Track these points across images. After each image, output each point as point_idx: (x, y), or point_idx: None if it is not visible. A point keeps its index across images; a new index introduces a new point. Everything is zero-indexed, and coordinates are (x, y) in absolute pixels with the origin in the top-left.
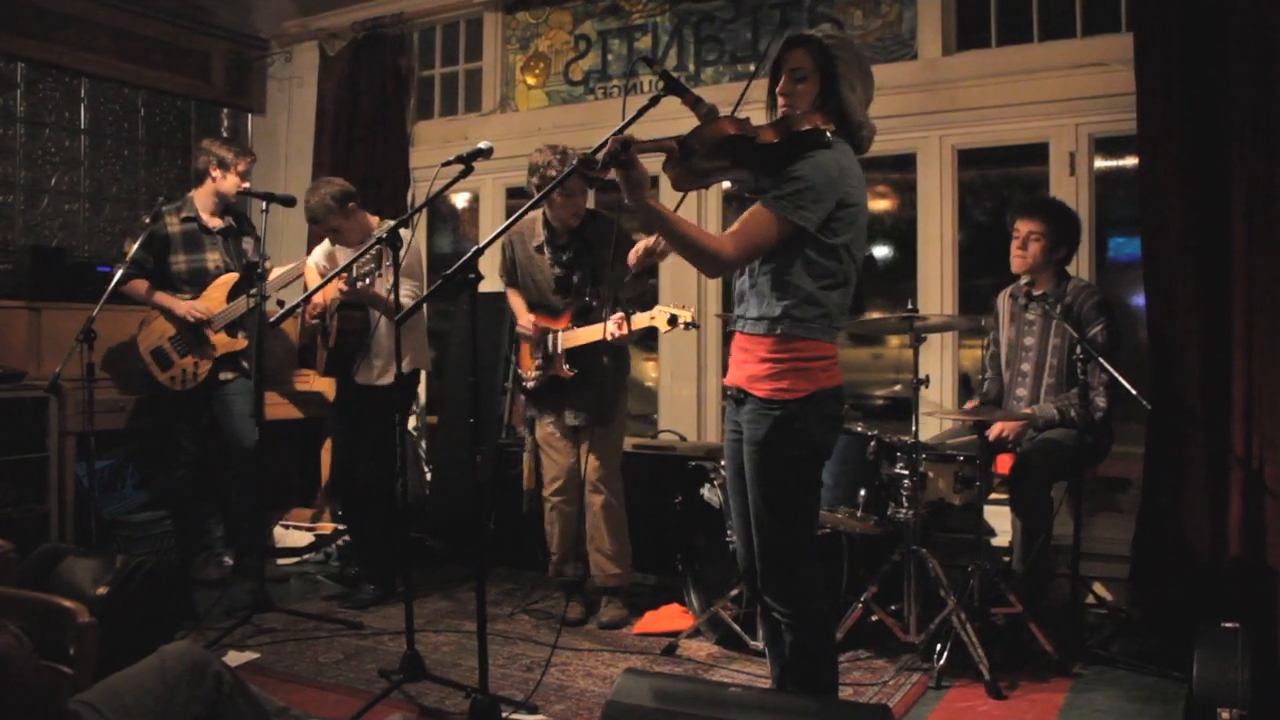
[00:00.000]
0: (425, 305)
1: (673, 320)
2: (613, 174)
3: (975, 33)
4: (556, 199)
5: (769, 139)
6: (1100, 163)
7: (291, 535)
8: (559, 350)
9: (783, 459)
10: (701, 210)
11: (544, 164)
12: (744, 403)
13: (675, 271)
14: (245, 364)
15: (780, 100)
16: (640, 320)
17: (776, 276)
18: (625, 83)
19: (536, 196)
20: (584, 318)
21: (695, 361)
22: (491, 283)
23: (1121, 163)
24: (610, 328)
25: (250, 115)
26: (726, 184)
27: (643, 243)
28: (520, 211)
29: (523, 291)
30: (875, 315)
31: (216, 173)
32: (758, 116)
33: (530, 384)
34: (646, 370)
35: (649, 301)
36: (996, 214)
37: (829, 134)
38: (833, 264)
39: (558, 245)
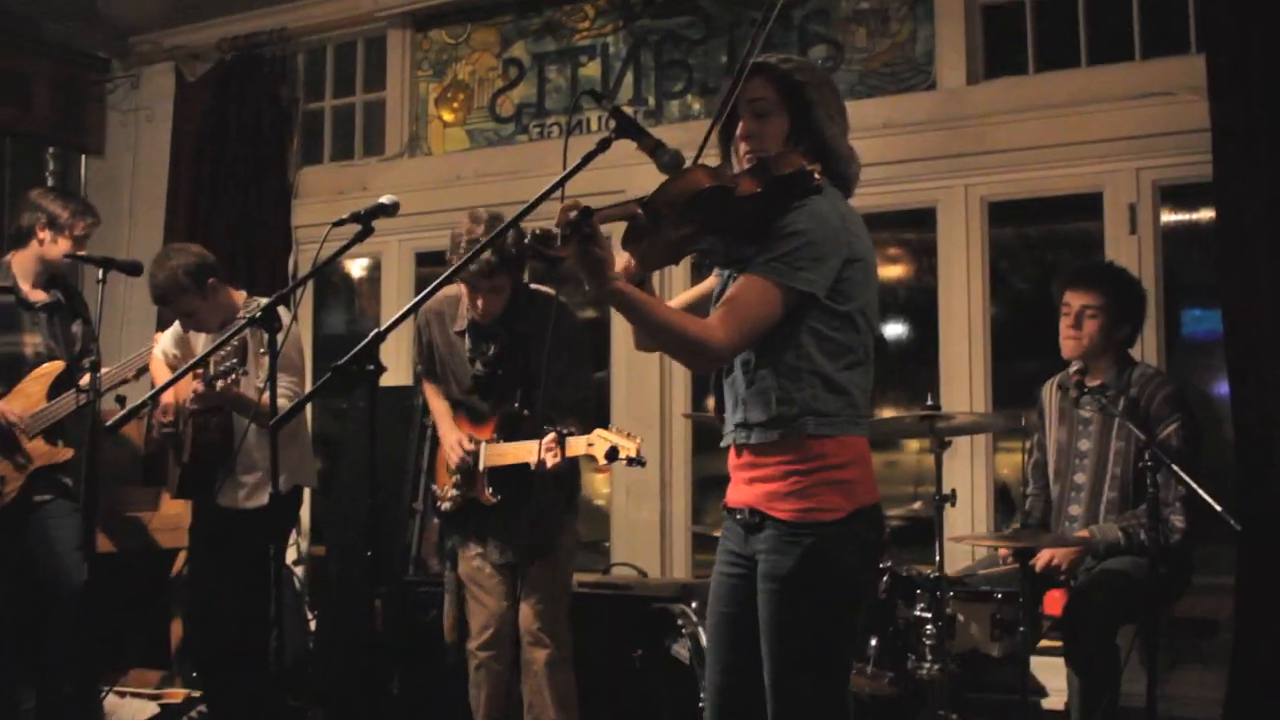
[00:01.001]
0: (309, 406)
1: (612, 454)
2: (563, 252)
3: (1008, 56)
4: (480, 288)
5: (751, 189)
6: (1168, 216)
7: (130, 706)
8: (481, 468)
9: (816, 599)
10: (666, 286)
11: (467, 240)
12: (759, 528)
13: (631, 361)
14: (70, 482)
15: (742, 147)
16: (575, 446)
17: (782, 363)
18: (567, 120)
19: (453, 268)
20: (512, 429)
21: (657, 475)
22: (397, 373)
23: (1194, 216)
24: (542, 453)
25: (84, 156)
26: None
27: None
28: (434, 284)
29: (443, 386)
30: (887, 414)
31: (45, 234)
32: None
33: (447, 505)
34: (596, 485)
35: (592, 412)
36: (1039, 283)
37: (818, 175)
38: (849, 336)
39: (481, 334)
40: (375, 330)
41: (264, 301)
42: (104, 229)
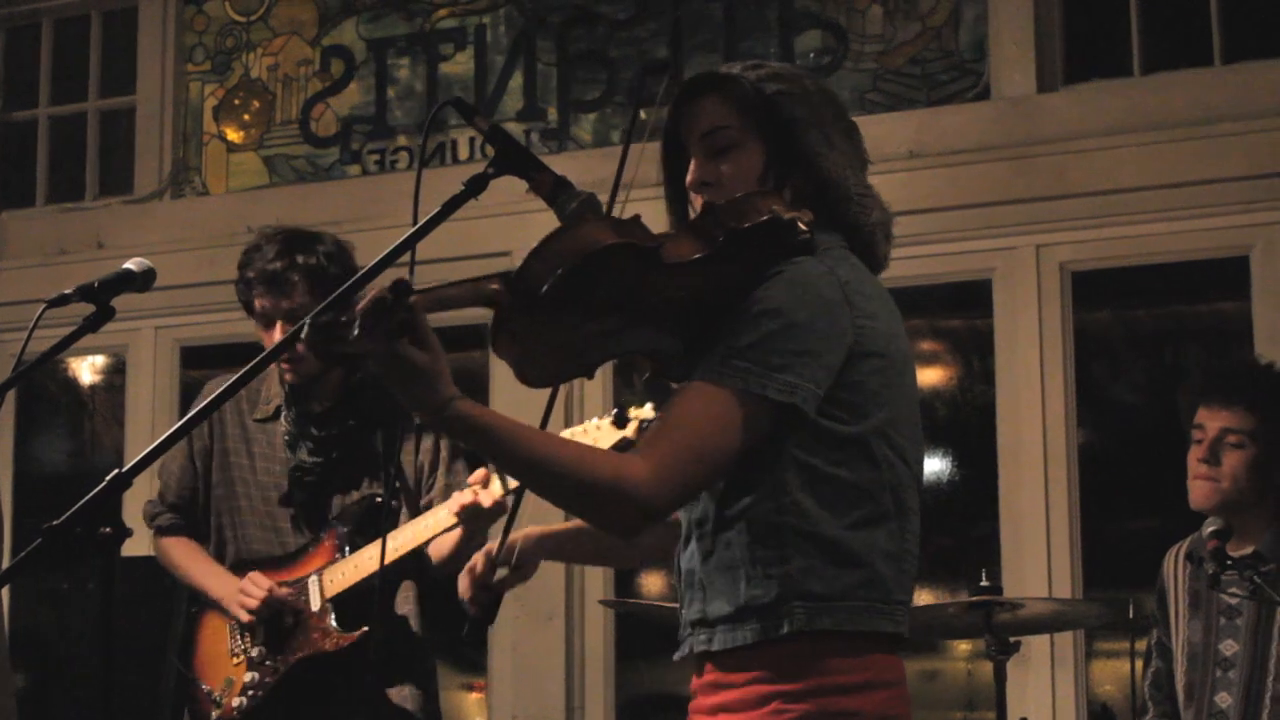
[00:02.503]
0: (4, 591)
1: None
2: (360, 347)
3: (1100, 50)
4: (261, 336)
5: (688, 252)
6: None
7: None
8: (316, 605)
9: None
10: (574, 406)
11: (254, 259)
12: None
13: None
14: None
15: (698, 202)
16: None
17: (758, 519)
18: (421, 146)
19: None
20: (365, 530)
21: (561, 697)
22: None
23: None
24: (466, 498)
25: None
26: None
27: (478, 556)
28: (237, 378)
29: (220, 525)
30: (923, 599)
31: None
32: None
33: (235, 708)
34: (466, 709)
35: None
36: (1154, 395)
37: (803, 224)
38: (862, 472)
39: (305, 408)
40: (115, 471)
41: None
42: None
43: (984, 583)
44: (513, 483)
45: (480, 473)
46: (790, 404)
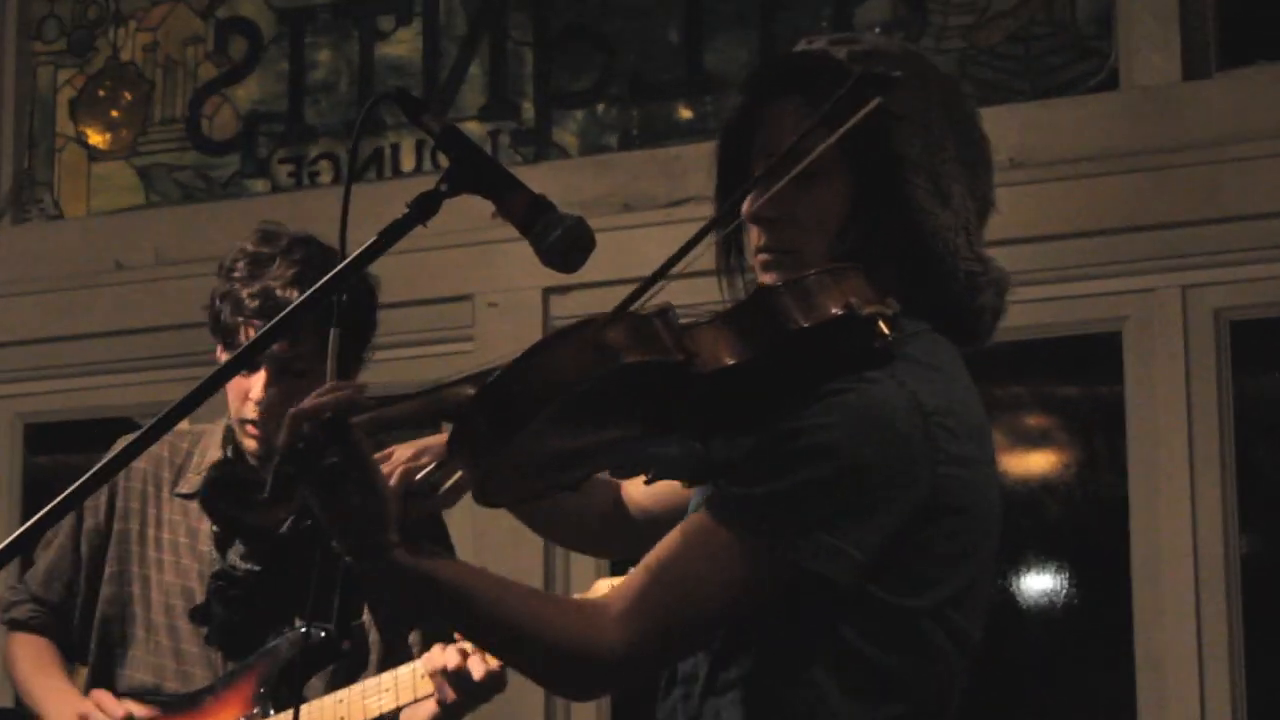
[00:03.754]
0: None
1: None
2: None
3: (1262, 26)
4: (236, 388)
5: (721, 359)
6: None
7: None
8: None
9: None
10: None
11: (262, 274)
12: None
13: None
14: None
15: (754, 236)
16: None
17: (758, 693)
18: (350, 152)
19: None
20: (298, 674)
21: None
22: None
23: None
24: (449, 659)
25: None
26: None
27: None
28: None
29: (106, 638)
30: None
31: None
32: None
33: None
34: None
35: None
36: None
37: (885, 324)
38: (903, 659)
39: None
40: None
41: None
42: None
43: None
44: None
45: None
46: (825, 575)
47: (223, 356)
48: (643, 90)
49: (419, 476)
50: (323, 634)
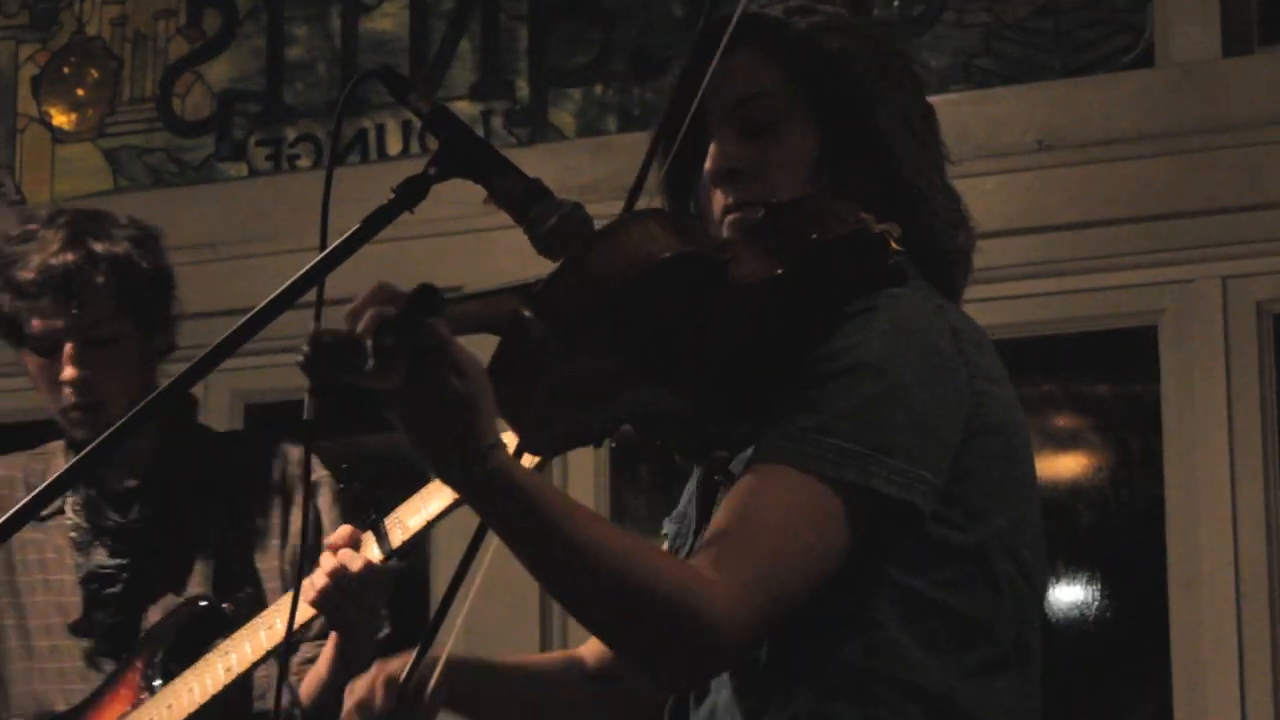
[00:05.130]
0: None
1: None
2: (383, 380)
3: None
4: (31, 367)
5: (761, 271)
6: None
7: None
8: None
9: None
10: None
11: (27, 254)
12: None
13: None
14: None
15: (718, 198)
16: None
17: (834, 659)
18: (332, 134)
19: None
20: (182, 658)
21: None
22: None
23: None
24: (329, 564)
25: None
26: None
27: (368, 680)
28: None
29: None
30: None
31: None
32: None
33: None
34: None
35: None
36: None
37: (895, 243)
38: (978, 600)
39: (108, 496)
40: None
41: None
42: None
43: None
44: (399, 543)
45: (343, 531)
46: (906, 501)
47: (26, 360)
48: (644, 68)
49: None
50: (201, 604)
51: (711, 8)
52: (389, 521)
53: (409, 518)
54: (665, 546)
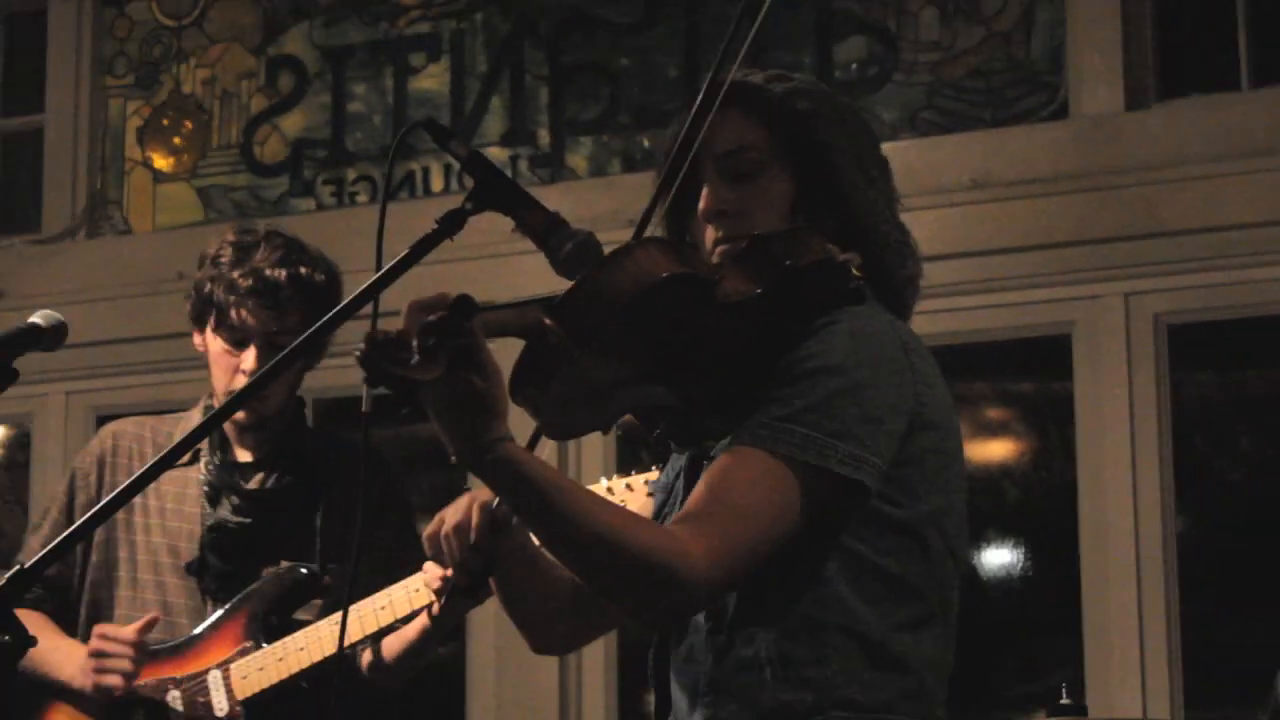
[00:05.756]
0: None
1: None
2: (425, 373)
3: (1197, 61)
4: (214, 349)
5: (743, 289)
6: None
7: None
8: (229, 705)
9: None
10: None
11: (248, 259)
12: None
13: (503, 634)
14: None
15: (710, 234)
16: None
17: (790, 612)
18: (386, 176)
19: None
20: (285, 611)
21: None
22: None
23: None
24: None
25: None
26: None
27: (468, 510)
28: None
29: (95, 601)
30: None
31: None
32: None
33: None
34: None
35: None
36: (1268, 473)
37: (857, 270)
38: (914, 566)
39: (235, 464)
40: (17, 565)
41: None
42: None
43: (1064, 700)
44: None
45: None
46: (855, 481)
47: (205, 336)
48: (645, 119)
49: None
50: (304, 570)
51: (713, 75)
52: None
53: None
54: (653, 511)
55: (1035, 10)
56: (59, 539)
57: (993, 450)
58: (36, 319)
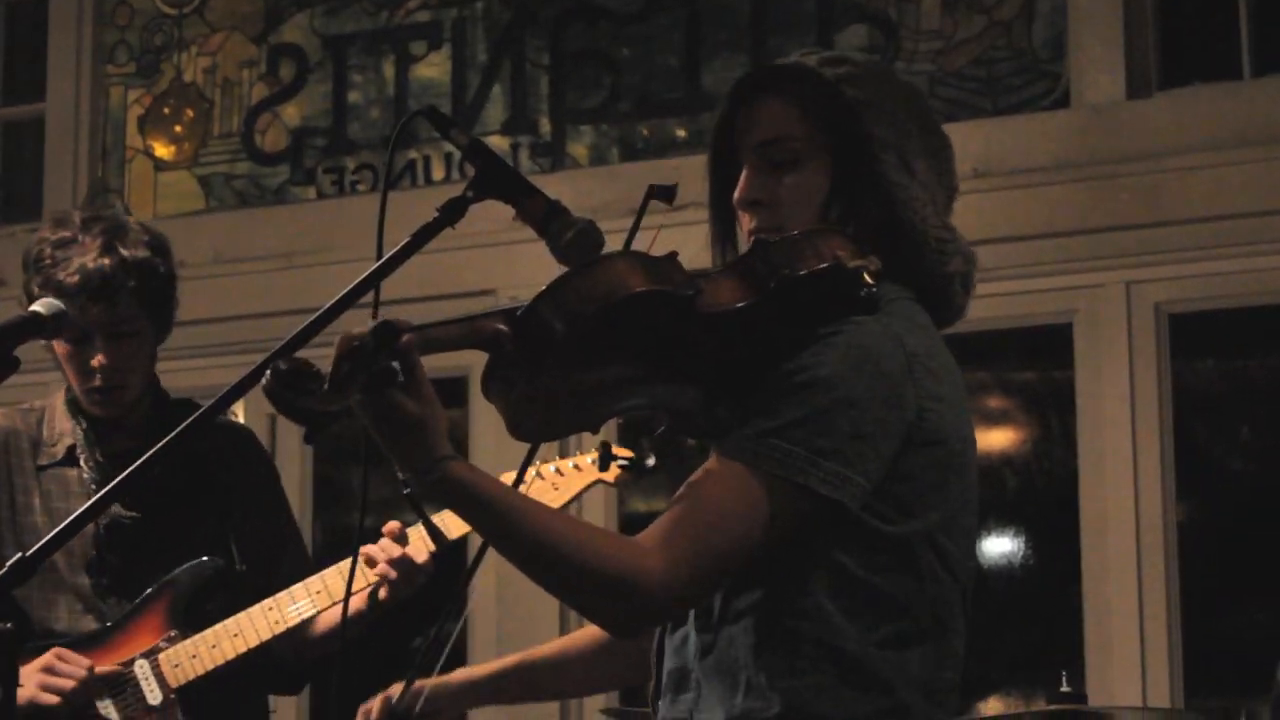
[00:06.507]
0: None
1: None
2: (329, 403)
3: (1200, 51)
4: (94, 329)
5: (731, 299)
6: None
7: None
8: (163, 693)
9: None
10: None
11: (68, 257)
12: None
13: (507, 584)
14: None
15: (745, 220)
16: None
17: (771, 618)
18: (387, 164)
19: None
20: (201, 607)
21: None
22: None
23: None
24: (391, 550)
25: None
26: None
27: (374, 702)
28: None
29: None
30: (992, 709)
31: None
32: (701, 256)
33: None
34: None
35: None
36: (1268, 461)
37: (869, 275)
38: (899, 583)
39: (116, 456)
40: (18, 554)
41: None
42: None
43: (1065, 688)
44: (455, 535)
45: (393, 525)
46: (837, 499)
47: (56, 346)
48: (646, 108)
49: None
50: (220, 562)
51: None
52: (437, 520)
53: (455, 522)
54: None
55: (1036, 3)
56: (60, 527)
57: (994, 439)
58: (37, 307)
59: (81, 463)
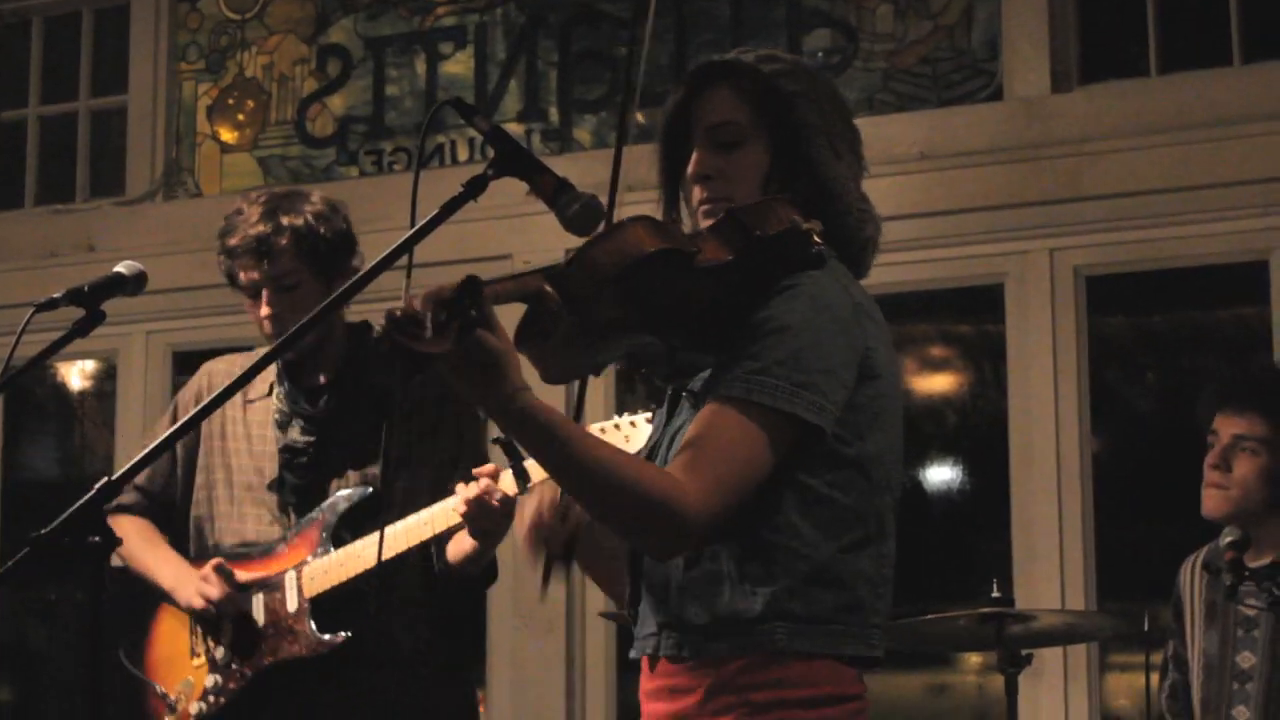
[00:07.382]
0: None
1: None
2: (437, 346)
3: (1115, 50)
4: (259, 283)
5: (717, 256)
6: None
7: None
8: (294, 604)
9: None
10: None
11: (236, 225)
12: None
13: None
14: None
15: (696, 193)
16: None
17: (749, 535)
18: (419, 146)
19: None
20: (355, 525)
21: (562, 709)
22: None
23: None
24: (472, 492)
25: None
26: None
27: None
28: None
29: (199, 519)
30: (931, 616)
31: None
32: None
33: (191, 717)
34: None
35: None
36: (1170, 403)
37: (817, 237)
38: (855, 496)
39: (304, 390)
40: (105, 478)
41: None
42: None
43: (995, 594)
44: (536, 479)
45: (489, 466)
46: (816, 425)
47: (246, 302)
48: (641, 99)
49: None
50: (370, 490)
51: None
52: (528, 464)
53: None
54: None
55: (975, 6)
56: (145, 451)
57: (936, 383)
58: (120, 269)
59: (274, 396)
